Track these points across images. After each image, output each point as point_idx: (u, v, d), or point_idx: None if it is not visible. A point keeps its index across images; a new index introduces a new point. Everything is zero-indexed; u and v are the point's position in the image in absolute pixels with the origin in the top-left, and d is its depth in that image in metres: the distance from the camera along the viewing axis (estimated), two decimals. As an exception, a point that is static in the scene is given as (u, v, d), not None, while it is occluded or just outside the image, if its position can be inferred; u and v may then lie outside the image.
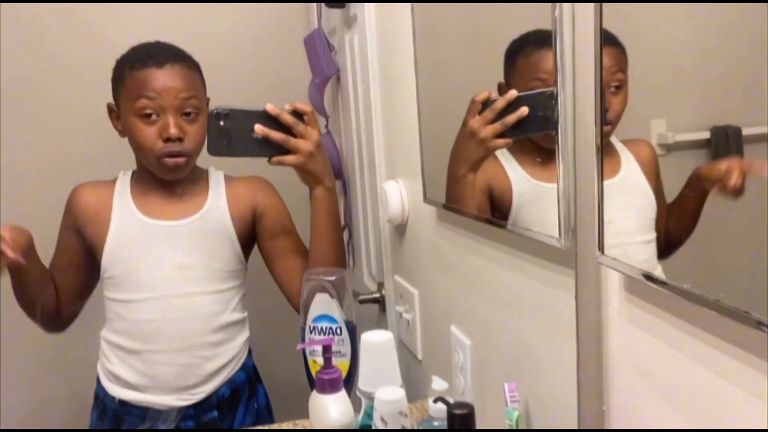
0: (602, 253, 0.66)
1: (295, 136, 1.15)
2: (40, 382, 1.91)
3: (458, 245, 1.07)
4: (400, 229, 1.35)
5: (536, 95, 0.77)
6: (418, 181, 1.15)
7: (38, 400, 1.93)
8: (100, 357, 1.35)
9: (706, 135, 0.53)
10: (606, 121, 0.65)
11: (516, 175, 0.84)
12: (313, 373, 1.03)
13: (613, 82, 0.64)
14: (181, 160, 1.25)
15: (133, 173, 1.36)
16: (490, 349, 0.98)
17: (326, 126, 1.83)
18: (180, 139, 1.23)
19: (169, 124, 1.22)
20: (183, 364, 1.28)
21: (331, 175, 1.24)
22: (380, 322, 1.54)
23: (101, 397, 1.34)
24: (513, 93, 0.80)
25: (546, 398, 0.82)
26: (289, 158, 1.16)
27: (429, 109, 1.09)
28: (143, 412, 1.30)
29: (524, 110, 0.78)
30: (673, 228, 0.60)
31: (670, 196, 0.60)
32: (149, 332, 1.28)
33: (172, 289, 1.28)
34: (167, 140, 1.22)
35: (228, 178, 1.38)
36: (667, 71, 0.59)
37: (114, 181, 1.35)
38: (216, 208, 1.33)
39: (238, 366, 1.36)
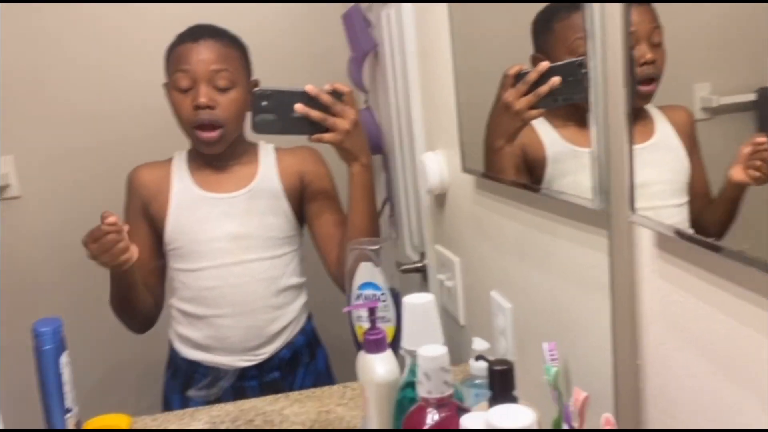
0: (634, 212, 0.69)
1: (333, 115, 1.20)
2: (118, 345, 1.95)
3: (496, 212, 1.10)
4: (439, 199, 1.38)
5: (567, 65, 0.78)
6: (456, 152, 1.17)
7: (115, 361, 2.01)
8: (171, 322, 1.44)
9: (752, 97, 0.52)
10: (649, 78, 0.66)
11: (550, 138, 0.86)
12: (359, 338, 1.08)
13: (653, 38, 0.64)
14: (213, 134, 1.31)
15: (189, 152, 1.43)
16: (530, 312, 1.01)
17: (366, 101, 1.86)
18: (210, 107, 1.29)
19: (200, 93, 1.28)
20: (247, 326, 1.36)
21: (367, 152, 1.29)
22: (423, 291, 1.58)
23: (173, 357, 1.44)
24: (545, 64, 0.82)
25: (583, 355, 0.85)
26: (327, 136, 1.21)
27: (465, 81, 1.11)
28: (209, 370, 1.38)
29: (556, 80, 0.80)
30: (710, 220, 0.60)
31: (714, 159, 0.59)
32: (213, 298, 1.36)
33: (231, 257, 1.35)
34: (197, 108, 1.29)
35: (278, 150, 1.45)
36: (710, 32, 0.58)
37: (169, 160, 1.43)
38: (268, 178, 1.40)
39: (297, 329, 1.43)
